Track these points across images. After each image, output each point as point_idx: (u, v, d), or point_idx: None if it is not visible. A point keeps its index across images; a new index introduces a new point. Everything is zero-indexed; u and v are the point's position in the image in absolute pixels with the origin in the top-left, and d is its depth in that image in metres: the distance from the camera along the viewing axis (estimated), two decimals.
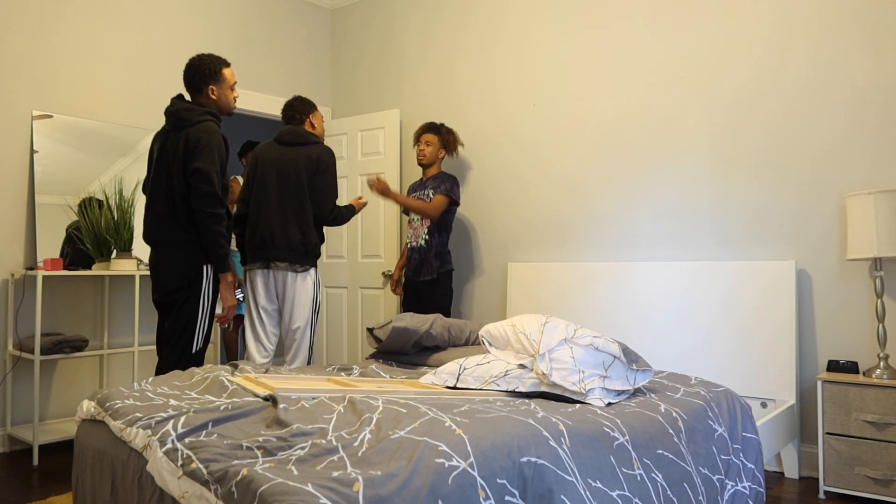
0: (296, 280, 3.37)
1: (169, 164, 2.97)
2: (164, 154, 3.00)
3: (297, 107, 3.56)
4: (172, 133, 3.01)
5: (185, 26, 4.38)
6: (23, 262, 3.63)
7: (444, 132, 4.13)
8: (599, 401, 2.21)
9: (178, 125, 2.99)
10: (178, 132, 2.98)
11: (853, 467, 2.77)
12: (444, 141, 4.11)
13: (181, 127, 2.98)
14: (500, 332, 2.57)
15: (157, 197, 2.99)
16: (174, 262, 2.95)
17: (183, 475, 1.62)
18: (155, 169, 3.02)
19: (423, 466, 1.53)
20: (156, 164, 3.03)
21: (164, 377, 2.49)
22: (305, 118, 3.56)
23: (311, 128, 3.57)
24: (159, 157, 3.02)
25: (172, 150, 2.97)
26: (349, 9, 5.20)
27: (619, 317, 3.62)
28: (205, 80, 3.07)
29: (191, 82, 3.09)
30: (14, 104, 3.63)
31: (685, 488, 2.08)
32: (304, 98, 3.60)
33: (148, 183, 3.09)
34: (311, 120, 3.58)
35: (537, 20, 4.14)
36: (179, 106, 3.02)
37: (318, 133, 3.60)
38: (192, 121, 2.97)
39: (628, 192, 3.75)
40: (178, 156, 2.94)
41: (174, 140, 2.98)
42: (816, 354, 3.15)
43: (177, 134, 2.99)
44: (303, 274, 3.38)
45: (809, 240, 3.18)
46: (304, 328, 3.40)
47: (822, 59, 3.15)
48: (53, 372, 3.76)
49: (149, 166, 3.12)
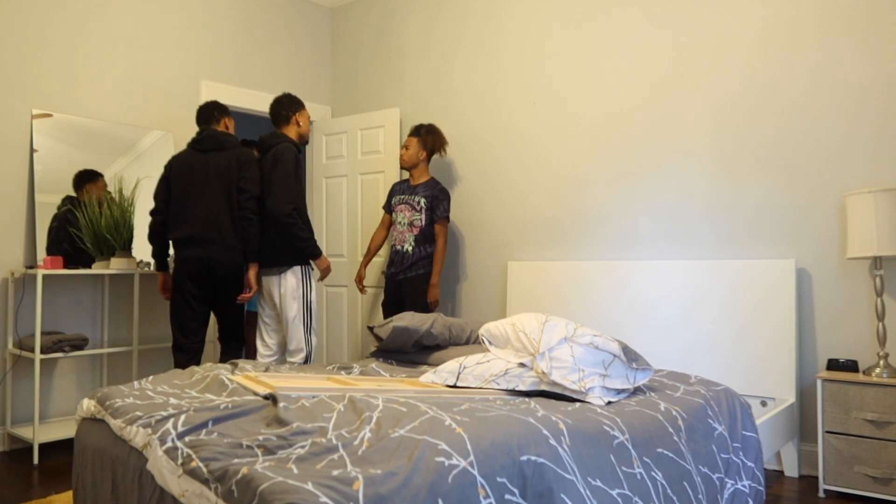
0: (279, 280, 3.54)
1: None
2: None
3: (286, 104, 3.67)
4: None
5: (185, 26, 4.38)
6: (23, 261, 3.63)
7: (423, 133, 4.11)
8: (599, 399, 2.21)
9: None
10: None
11: (853, 466, 2.77)
12: (423, 142, 4.10)
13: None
14: (500, 330, 2.57)
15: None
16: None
17: (183, 474, 1.62)
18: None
19: (423, 465, 1.53)
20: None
21: (164, 376, 2.49)
22: (292, 115, 3.67)
23: (297, 125, 3.68)
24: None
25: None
26: (348, 7, 5.20)
27: (619, 315, 3.62)
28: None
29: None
30: (14, 104, 3.63)
31: (685, 487, 2.08)
32: (292, 96, 3.69)
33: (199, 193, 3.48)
34: (297, 118, 3.68)
35: (536, 18, 4.14)
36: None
37: (303, 132, 3.73)
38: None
39: (629, 190, 3.75)
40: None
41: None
42: (816, 353, 3.15)
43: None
44: (284, 274, 3.53)
45: (810, 238, 3.18)
46: (295, 320, 3.54)
47: (823, 58, 3.15)
48: (53, 371, 3.76)
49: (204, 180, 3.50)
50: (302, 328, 3.54)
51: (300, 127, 3.69)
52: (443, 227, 4.04)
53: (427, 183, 4.09)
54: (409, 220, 4.06)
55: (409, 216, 4.06)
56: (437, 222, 4.03)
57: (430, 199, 4.02)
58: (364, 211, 4.71)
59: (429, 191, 4.04)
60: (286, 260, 3.51)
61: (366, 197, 4.73)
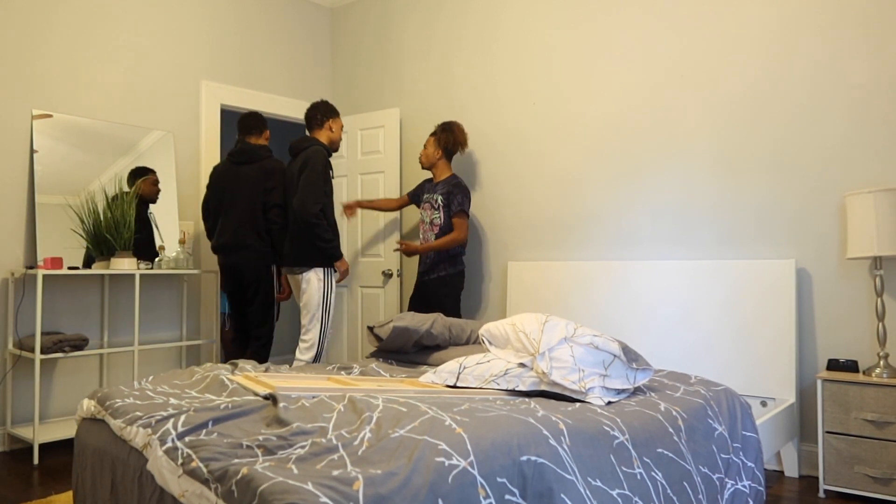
0: (303, 279, 3.67)
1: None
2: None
3: (322, 109, 3.82)
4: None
5: (185, 26, 4.38)
6: (23, 262, 3.63)
7: (439, 131, 4.08)
8: (599, 399, 2.21)
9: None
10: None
11: (853, 466, 2.77)
12: (438, 140, 4.08)
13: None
14: (500, 331, 2.57)
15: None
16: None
17: (183, 474, 1.62)
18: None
19: (424, 465, 1.53)
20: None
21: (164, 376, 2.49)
22: (326, 121, 3.81)
23: (329, 131, 3.84)
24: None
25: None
26: (348, 7, 5.20)
27: (620, 315, 3.62)
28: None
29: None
30: (14, 104, 3.63)
31: (685, 487, 2.08)
32: (329, 103, 3.85)
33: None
34: (330, 124, 3.83)
35: (536, 18, 4.14)
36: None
37: (334, 138, 3.85)
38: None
39: (629, 190, 3.75)
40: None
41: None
42: (816, 353, 3.15)
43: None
44: (306, 273, 3.66)
45: (810, 239, 3.18)
46: (313, 319, 3.69)
47: (824, 58, 3.15)
48: (54, 371, 3.76)
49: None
50: (318, 327, 3.68)
51: (332, 133, 3.83)
52: (460, 220, 3.93)
53: (445, 180, 4.05)
54: (430, 218, 4.04)
55: (430, 215, 4.04)
56: (453, 217, 3.95)
57: (447, 195, 3.98)
58: (364, 211, 4.71)
59: (445, 187, 4.00)
60: (310, 260, 3.63)
61: (366, 197, 4.73)
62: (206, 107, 4.45)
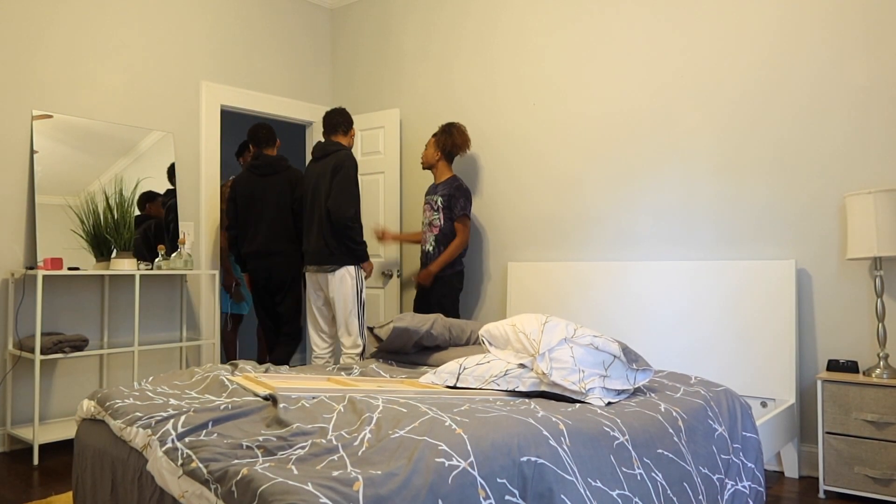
0: (331, 278, 3.77)
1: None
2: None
3: (346, 115, 3.96)
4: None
5: (185, 26, 4.38)
6: (23, 262, 3.63)
7: (440, 133, 4.09)
8: (599, 400, 2.21)
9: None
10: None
11: (853, 467, 2.77)
12: (438, 142, 4.08)
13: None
14: (500, 331, 2.57)
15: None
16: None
17: (183, 474, 1.62)
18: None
19: (424, 466, 1.53)
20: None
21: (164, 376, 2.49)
22: (349, 129, 3.97)
23: (350, 139, 4.01)
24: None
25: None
26: (348, 8, 5.20)
27: (620, 316, 3.62)
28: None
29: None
30: (14, 105, 3.63)
31: (685, 488, 2.08)
32: (347, 111, 3.98)
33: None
34: (351, 132, 3.99)
35: (536, 18, 4.14)
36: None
37: (352, 145, 4.04)
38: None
39: (629, 191, 3.75)
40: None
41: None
42: (816, 354, 3.15)
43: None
44: (337, 272, 3.76)
45: (810, 239, 3.18)
46: (351, 317, 3.80)
47: (825, 59, 3.15)
48: (53, 371, 3.76)
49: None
50: (357, 324, 3.80)
51: (351, 140, 4.01)
52: (462, 224, 3.97)
53: (446, 182, 4.05)
54: (429, 220, 4.05)
55: (430, 216, 4.05)
56: (456, 220, 3.98)
57: (447, 197, 3.98)
58: (364, 212, 4.71)
59: (446, 189, 4.00)
60: (339, 259, 3.74)
61: (366, 197, 4.73)
62: (206, 107, 4.45)
